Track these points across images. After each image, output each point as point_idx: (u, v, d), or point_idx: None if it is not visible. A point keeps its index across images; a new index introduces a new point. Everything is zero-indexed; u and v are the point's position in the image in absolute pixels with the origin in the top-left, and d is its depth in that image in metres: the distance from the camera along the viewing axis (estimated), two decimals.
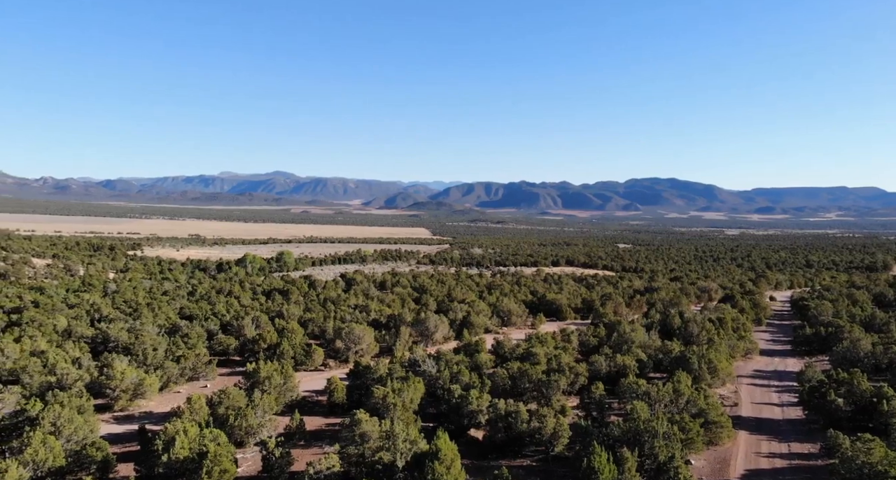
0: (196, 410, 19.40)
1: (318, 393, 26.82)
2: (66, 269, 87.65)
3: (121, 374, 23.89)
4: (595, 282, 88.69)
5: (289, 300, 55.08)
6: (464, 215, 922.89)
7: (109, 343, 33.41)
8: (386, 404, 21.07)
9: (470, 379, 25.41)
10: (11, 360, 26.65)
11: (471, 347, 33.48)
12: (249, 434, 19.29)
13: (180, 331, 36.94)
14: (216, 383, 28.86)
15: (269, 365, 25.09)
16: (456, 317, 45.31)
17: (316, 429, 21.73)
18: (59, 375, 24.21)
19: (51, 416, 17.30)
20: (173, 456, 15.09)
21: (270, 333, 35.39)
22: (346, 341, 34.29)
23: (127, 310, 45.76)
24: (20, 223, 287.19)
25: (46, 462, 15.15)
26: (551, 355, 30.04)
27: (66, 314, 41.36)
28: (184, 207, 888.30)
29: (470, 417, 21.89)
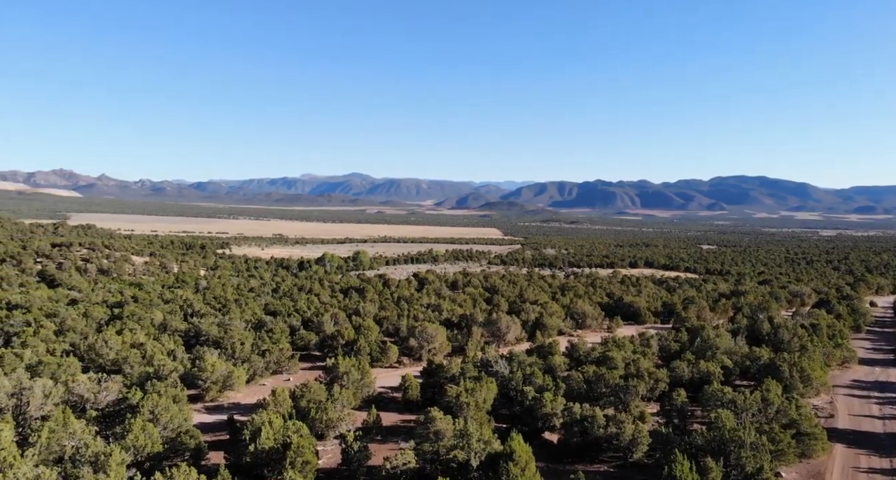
0: (280, 402, 20.34)
1: (393, 390, 27.40)
2: (162, 267, 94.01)
3: (211, 366, 25.38)
4: (676, 285, 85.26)
5: (364, 298, 56.52)
6: (536, 215, 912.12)
7: (201, 336, 35.54)
8: (459, 403, 21.23)
9: (543, 381, 25.14)
10: (114, 351, 28.85)
11: (544, 349, 33.10)
12: (329, 428, 19.98)
13: (265, 327, 38.77)
14: (298, 377, 30.10)
15: (347, 361, 25.89)
16: (528, 319, 44.92)
17: (391, 425, 22.21)
18: (157, 366, 26.00)
19: (149, 404, 18.57)
20: (259, 446, 15.90)
21: (348, 330, 36.49)
22: (420, 339, 34.80)
23: (216, 306, 48.45)
24: (121, 223, 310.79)
25: (145, 447, 16.30)
26: (629, 359, 29.18)
27: (162, 309, 44.33)
28: (268, 208, 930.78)
29: (544, 420, 21.65)
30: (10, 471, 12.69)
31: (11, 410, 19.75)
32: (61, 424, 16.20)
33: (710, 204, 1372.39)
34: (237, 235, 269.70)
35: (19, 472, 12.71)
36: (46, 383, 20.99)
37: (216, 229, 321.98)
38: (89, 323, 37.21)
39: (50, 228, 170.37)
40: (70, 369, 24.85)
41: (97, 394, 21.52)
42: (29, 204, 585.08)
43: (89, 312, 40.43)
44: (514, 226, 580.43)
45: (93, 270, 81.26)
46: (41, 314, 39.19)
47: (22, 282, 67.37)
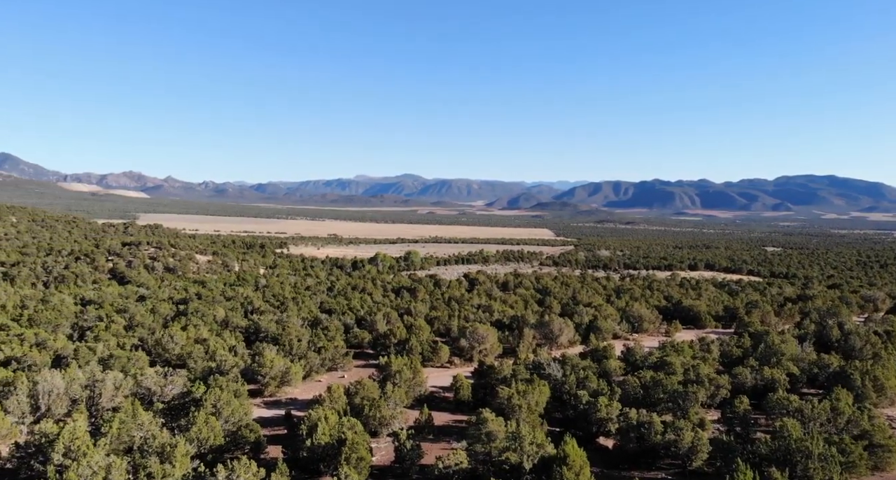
0: (335, 399, 20.75)
1: (444, 390, 27.48)
2: (224, 265, 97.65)
3: (270, 362, 26.16)
4: (739, 288, 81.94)
5: (416, 298, 56.96)
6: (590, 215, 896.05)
7: (260, 333, 36.70)
8: (511, 405, 21.07)
9: (598, 385, 24.65)
10: (179, 346, 30.15)
11: (598, 353, 32.45)
12: (382, 425, 20.24)
13: (321, 324, 39.67)
14: (352, 374, 30.64)
15: (399, 360, 26.17)
16: (581, 321, 44.16)
17: (443, 424, 22.28)
18: (219, 361, 27.00)
19: (212, 398, 19.28)
20: (316, 442, 16.26)
21: (400, 329, 36.87)
22: (471, 340, 34.77)
23: (275, 303, 49.92)
24: (186, 223, 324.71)
25: (208, 440, 16.94)
26: (688, 365, 28.25)
27: (224, 306, 46.03)
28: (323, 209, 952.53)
29: (598, 425, 21.23)
30: (83, 460, 13.45)
31: (85, 401, 20.96)
32: (131, 415, 17.05)
33: (776, 204, 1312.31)
34: (294, 235, 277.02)
35: (92, 461, 13.45)
36: (117, 376, 22.17)
37: (275, 229, 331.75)
38: (156, 319, 39.05)
39: (120, 228, 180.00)
40: (139, 363, 26.16)
41: (163, 387, 22.55)
42: (101, 204, 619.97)
43: (157, 308, 42.43)
44: (567, 226, 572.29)
45: (160, 268, 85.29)
46: (112, 310, 41.42)
47: (95, 279, 71.42)
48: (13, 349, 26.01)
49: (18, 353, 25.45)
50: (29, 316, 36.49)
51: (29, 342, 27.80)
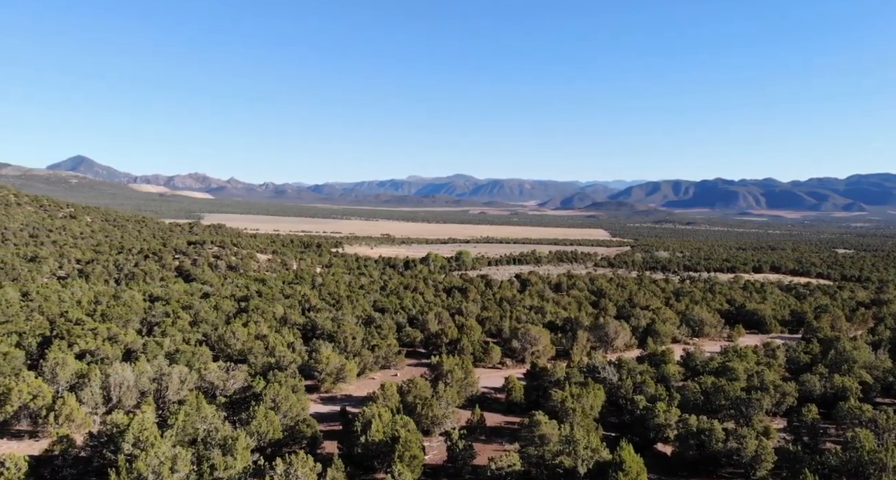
0: (388, 397, 20.99)
1: (496, 391, 27.34)
2: (283, 264, 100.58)
3: (326, 359, 26.73)
4: (807, 292, 78.01)
5: (467, 298, 56.97)
6: (647, 216, 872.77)
7: (317, 330, 37.57)
8: (565, 408, 20.74)
9: (656, 390, 23.97)
10: (241, 342, 31.22)
11: (656, 357, 31.54)
12: (435, 424, 20.33)
13: (374, 323, 40.25)
14: (404, 372, 30.93)
15: (450, 360, 26.21)
16: (638, 324, 43.05)
17: (495, 426, 22.16)
18: (278, 357, 27.80)
19: (271, 393, 19.85)
20: (370, 438, 16.50)
21: (451, 329, 36.95)
22: (523, 341, 34.47)
23: (330, 302, 51.01)
24: (247, 222, 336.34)
25: (267, 434, 17.45)
26: (752, 371, 27.09)
27: (283, 303, 47.38)
28: (376, 209, 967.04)
29: (656, 431, 20.62)
30: (151, 450, 14.10)
31: (153, 394, 22.00)
32: (195, 408, 17.76)
33: (847, 204, 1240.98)
34: (349, 235, 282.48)
35: (159, 451, 14.08)
36: (182, 370, 23.17)
37: (330, 229, 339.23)
38: (219, 316, 40.58)
39: (186, 227, 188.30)
40: (202, 357, 27.25)
41: (225, 382, 23.41)
42: (168, 205, 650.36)
43: (219, 305, 44.10)
44: (623, 226, 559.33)
45: (223, 266, 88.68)
46: (178, 306, 43.31)
47: (162, 277, 74.94)
48: (87, 342, 27.56)
49: (92, 347, 26.95)
50: (102, 312, 38.62)
51: (102, 336, 29.40)
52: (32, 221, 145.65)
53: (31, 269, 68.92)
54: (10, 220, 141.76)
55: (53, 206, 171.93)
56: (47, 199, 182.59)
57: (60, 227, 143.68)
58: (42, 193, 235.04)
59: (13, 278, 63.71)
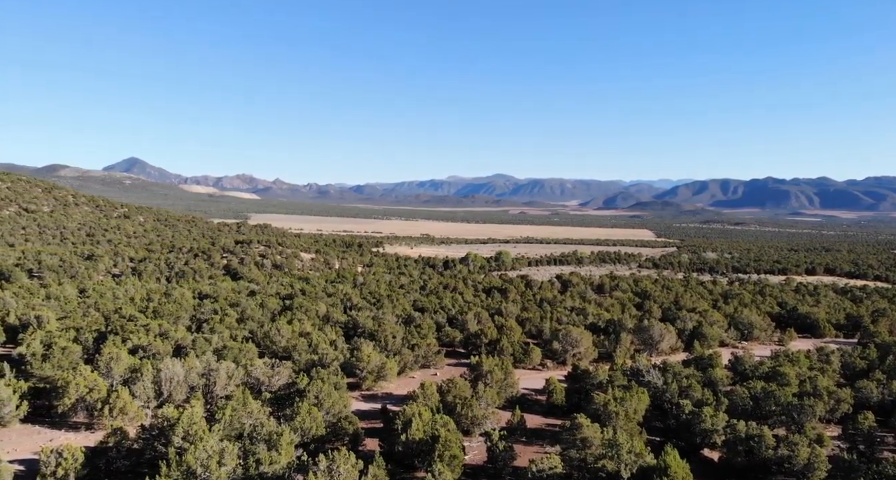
0: (428, 396, 21.07)
1: (536, 393, 27.09)
2: (325, 263, 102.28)
3: (367, 357, 27.03)
4: (864, 295, 74.47)
5: (507, 298, 56.67)
6: (694, 216, 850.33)
7: (358, 328, 38.04)
8: (607, 411, 20.39)
9: (702, 395, 23.31)
10: (285, 339, 31.88)
11: (703, 360, 30.67)
12: (474, 424, 20.30)
13: (414, 322, 40.47)
14: (444, 372, 30.99)
15: (490, 360, 26.12)
16: (685, 327, 41.96)
17: (536, 427, 21.97)
18: (321, 354, 28.27)
19: (314, 390, 20.20)
20: (410, 437, 16.60)
21: (491, 329, 36.82)
22: (564, 343, 34.05)
23: (371, 300, 51.58)
24: (292, 222, 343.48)
25: (311, 430, 17.75)
26: (805, 376, 26.05)
27: (326, 301, 48.17)
28: (416, 209, 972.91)
29: (703, 436, 20.06)
30: (200, 443, 14.53)
31: (201, 389, 22.68)
32: (241, 404, 18.23)
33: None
34: (389, 234, 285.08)
35: (207, 445, 14.51)
36: (229, 366, 23.81)
37: (371, 229, 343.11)
38: (265, 313, 41.56)
39: (234, 227, 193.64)
40: (249, 354, 27.93)
41: (270, 378, 23.94)
42: (217, 205, 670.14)
43: (265, 303, 45.17)
44: (669, 227, 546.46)
45: (268, 265, 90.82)
46: (226, 303, 44.56)
47: (211, 275, 77.25)
48: (140, 338, 28.63)
49: (144, 342, 27.98)
50: (153, 309, 40.07)
51: (153, 332, 30.49)
52: (89, 221, 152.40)
53: (88, 267, 72.09)
54: (69, 220, 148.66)
55: (108, 206, 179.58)
56: (103, 200, 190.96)
57: (115, 227, 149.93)
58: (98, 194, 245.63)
59: (71, 275, 66.79)
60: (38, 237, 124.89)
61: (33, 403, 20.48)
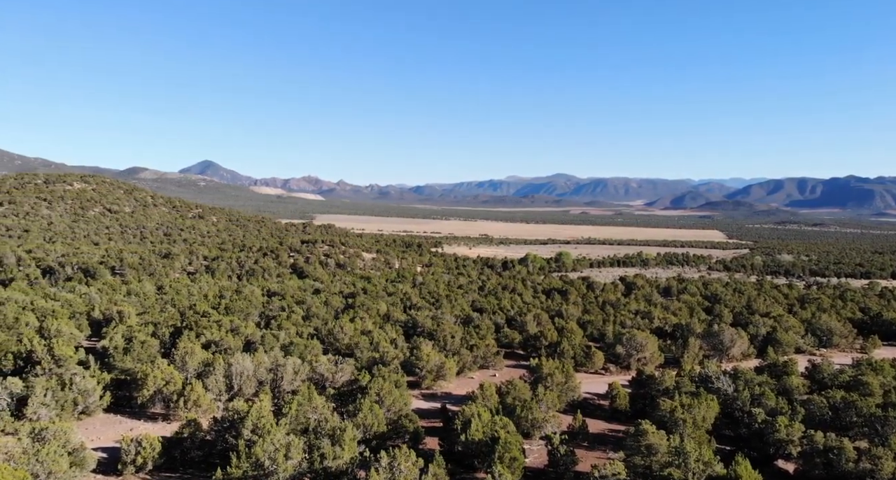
0: (487, 397, 21.03)
1: (599, 397, 26.54)
2: (386, 263, 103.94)
3: (427, 356, 27.29)
4: None
5: (567, 300, 55.76)
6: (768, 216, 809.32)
7: (417, 328, 38.45)
8: (674, 418, 19.72)
9: (776, 403, 22.16)
10: (348, 337, 32.62)
11: (777, 368, 29.16)
12: (534, 427, 20.09)
13: (473, 322, 40.51)
14: (503, 373, 30.85)
15: (550, 363, 25.78)
16: (757, 332, 40.02)
17: (598, 433, 21.52)
18: (382, 352, 28.76)
19: (376, 387, 20.56)
20: (470, 437, 16.62)
21: (551, 331, 36.34)
22: (628, 347, 33.19)
23: (430, 300, 52.01)
24: (354, 223, 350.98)
25: (372, 426, 18.08)
26: (890, 386, 24.34)
27: (386, 301, 48.95)
28: (475, 209, 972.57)
29: (777, 446, 19.10)
30: (268, 436, 15.09)
31: (269, 383, 23.54)
32: (307, 399, 18.79)
33: None
34: (448, 235, 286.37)
35: (275, 438, 15.04)
36: (296, 361, 24.60)
37: (430, 229, 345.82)
38: (329, 311, 42.67)
39: (300, 227, 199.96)
40: (314, 350, 28.77)
41: (334, 374, 24.57)
42: (284, 206, 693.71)
43: (329, 301, 46.39)
44: (741, 228, 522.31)
45: (332, 264, 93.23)
46: (293, 301, 46.06)
47: (279, 273, 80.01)
48: (212, 333, 30.01)
49: (216, 338, 29.31)
50: (225, 305, 41.91)
51: (225, 328, 31.89)
52: (166, 221, 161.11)
53: (165, 265, 76.24)
54: (148, 220, 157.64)
55: (184, 207, 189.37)
56: (179, 201, 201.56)
57: (190, 227, 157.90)
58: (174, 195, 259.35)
59: (150, 273, 70.82)
60: (120, 236, 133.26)
61: (115, 394, 21.82)
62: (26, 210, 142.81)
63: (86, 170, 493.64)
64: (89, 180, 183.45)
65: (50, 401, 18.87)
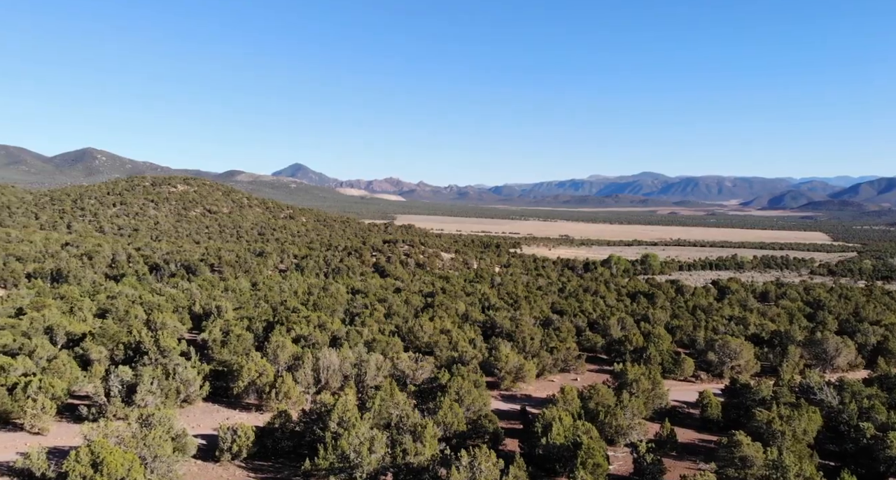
0: (569, 401, 20.63)
1: (689, 406, 25.38)
2: (464, 263, 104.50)
3: (505, 357, 27.17)
4: None
5: (654, 304, 53.68)
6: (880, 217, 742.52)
7: (496, 328, 38.35)
8: (772, 430, 18.53)
9: (888, 417, 20.33)
10: (427, 335, 33.05)
11: (890, 380, 26.65)
12: (619, 434, 19.50)
13: (552, 324, 39.89)
14: (585, 377, 30.16)
15: (636, 369, 24.94)
16: (866, 341, 36.83)
17: (687, 442, 20.59)
18: (460, 352, 28.93)
19: (455, 386, 20.71)
20: (551, 441, 16.38)
21: (636, 336, 35.13)
22: (720, 354, 31.50)
23: (509, 301, 51.71)
24: (433, 223, 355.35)
25: (452, 425, 18.22)
26: None
27: (464, 300, 49.18)
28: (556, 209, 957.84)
29: (888, 464, 17.54)
30: (353, 430, 15.57)
31: (353, 378, 24.28)
32: (389, 394, 19.23)
33: None
34: (527, 235, 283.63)
35: (359, 432, 15.50)
36: (378, 358, 25.24)
37: (509, 229, 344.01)
38: (409, 309, 43.46)
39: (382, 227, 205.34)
40: (395, 347, 29.39)
41: (415, 372, 24.99)
42: (367, 206, 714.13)
43: (409, 300, 47.24)
44: (848, 229, 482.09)
45: (412, 263, 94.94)
46: (375, 299, 47.29)
47: (362, 272, 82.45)
48: (301, 329, 31.36)
49: (305, 333, 30.60)
50: (313, 302, 43.69)
51: (313, 323, 33.22)
52: (260, 221, 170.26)
53: (259, 263, 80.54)
54: (243, 220, 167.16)
55: (276, 208, 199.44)
56: (272, 202, 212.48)
57: (282, 226, 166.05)
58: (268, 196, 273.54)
59: (245, 270, 75.07)
60: (218, 235, 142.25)
61: (213, 384, 23.23)
62: (136, 210, 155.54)
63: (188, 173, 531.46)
64: (191, 182, 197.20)
65: (156, 389, 20.39)
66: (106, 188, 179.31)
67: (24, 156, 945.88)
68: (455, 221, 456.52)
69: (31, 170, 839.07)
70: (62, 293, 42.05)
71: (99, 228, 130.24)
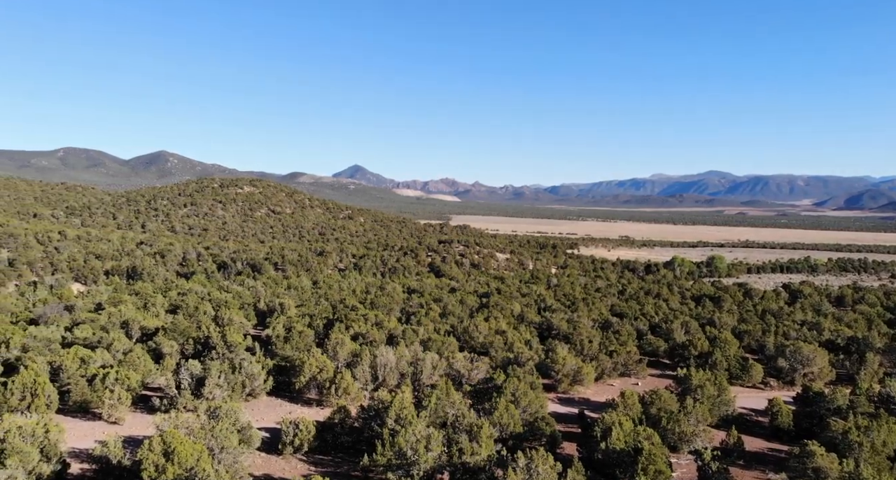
0: (629, 406, 20.11)
1: (756, 413, 24.28)
2: (520, 263, 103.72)
3: (563, 359, 26.77)
4: None
5: (721, 308, 51.58)
6: None
7: (552, 330, 37.86)
8: (848, 441, 17.46)
9: None
10: (482, 336, 33.00)
11: None
12: (682, 441, 18.86)
13: (612, 327, 38.99)
14: (646, 382, 29.32)
15: (701, 374, 24.06)
16: None
17: (756, 451, 19.70)
18: (516, 353, 28.72)
19: (511, 387, 20.56)
20: (610, 446, 16.02)
21: (701, 340, 33.87)
22: (792, 360, 29.92)
23: (566, 303, 50.94)
24: (488, 223, 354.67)
25: (508, 426, 18.11)
26: None
27: (520, 301, 48.81)
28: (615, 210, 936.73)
29: None
30: (410, 427, 15.73)
31: (410, 376, 24.54)
32: (445, 393, 19.31)
33: None
34: (585, 236, 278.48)
35: (416, 429, 15.64)
36: (434, 357, 25.41)
37: (566, 230, 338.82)
38: (464, 309, 43.53)
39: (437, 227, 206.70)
40: (450, 347, 29.51)
41: (470, 372, 25.01)
42: (423, 207, 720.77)
43: (464, 300, 47.31)
44: None
45: (467, 264, 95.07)
46: (430, 299, 47.64)
47: (418, 272, 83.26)
48: (360, 326, 31.98)
49: (363, 330, 31.18)
50: (371, 300, 44.45)
51: (370, 321, 33.82)
52: (321, 221, 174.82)
53: (319, 262, 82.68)
54: (305, 220, 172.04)
55: (336, 209, 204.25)
56: (331, 203, 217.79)
57: (341, 227, 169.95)
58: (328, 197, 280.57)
59: (306, 269, 77.25)
60: (282, 235, 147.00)
61: (276, 379, 23.99)
62: (205, 211, 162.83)
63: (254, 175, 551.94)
64: (257, 184, 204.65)
65: (223, 383, 21.26)
66: (177, 189, 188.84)
67: (104, 159, 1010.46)
68: (510, 221, 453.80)
69: (109, 172, 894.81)
70: (137, 289, 44.58)
71: (171, 228, 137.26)
